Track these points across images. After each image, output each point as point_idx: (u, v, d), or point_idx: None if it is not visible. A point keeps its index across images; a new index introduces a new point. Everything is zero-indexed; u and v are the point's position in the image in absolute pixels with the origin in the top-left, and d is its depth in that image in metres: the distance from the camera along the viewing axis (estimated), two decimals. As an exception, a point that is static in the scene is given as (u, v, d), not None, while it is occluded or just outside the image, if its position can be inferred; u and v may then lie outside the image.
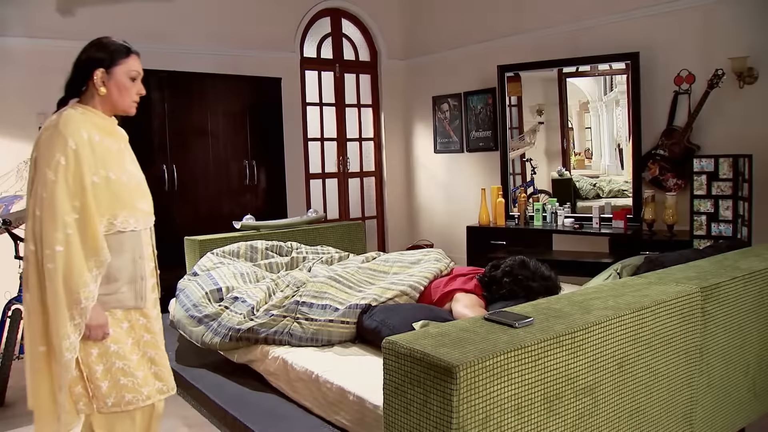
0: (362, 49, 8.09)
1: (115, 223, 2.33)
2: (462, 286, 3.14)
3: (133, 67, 2.44)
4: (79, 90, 2.41)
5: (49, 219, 2.18)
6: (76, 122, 2.28)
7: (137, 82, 2.46)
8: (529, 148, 6.57)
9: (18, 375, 4.29)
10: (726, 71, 4.90)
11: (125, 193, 2.37)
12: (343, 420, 2.40)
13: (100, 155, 2.30)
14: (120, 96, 2.42)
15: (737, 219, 4.57)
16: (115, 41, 2.43)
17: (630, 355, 1.94)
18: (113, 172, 2.33)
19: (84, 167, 2.24)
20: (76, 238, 2.20)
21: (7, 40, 5.68)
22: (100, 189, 2.28)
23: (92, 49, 2.39)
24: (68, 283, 2.19)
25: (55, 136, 2.25)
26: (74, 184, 2.22)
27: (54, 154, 2.22)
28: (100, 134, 2.34)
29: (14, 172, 5.57)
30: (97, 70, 2.36)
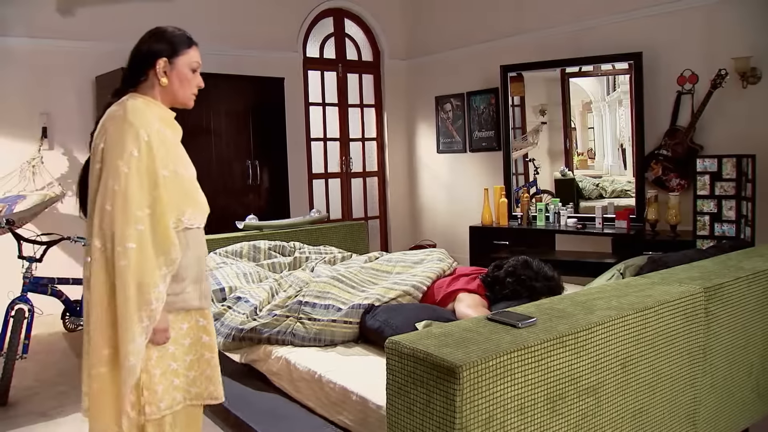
0: (365, 49, 8.10)
1: (183, 219, 2.22)
2: (465, 286, 3.14)
3: (195, 58, 2.35)
4: (138, 80, 2.29)
5: (121, 213, 2.07)
6: (146, 113, 2.18)
7: (197, 74, 2.37)
8: (531, 148, 6.56)
9: (21, 375, 4.30)
10: (729, 71, 4.90)
11: (191, 189, 2.27)
12: (346, 420, 2.40)
13: (167, 149, 2.20)
14: (181, 87, 2.32)
15: (740, 219, 4.56)
16: (176, 31, 2.35)
17: (633, 355, 1.93)
18: (181, 167, 2.23)
19: (157, 160, 2.13)
20: (147, 235, 2.10)
21: (10, 40, 5.69)
22: (170, 183, 2.17)
23: (152, 39, 2.30)
24: (140, 283, 2.08)
25: (126, 127, 2.13)
26: (147, 178, 2.11)
27: (126, 146, 2.10)
28: (164, 126, 2.24)
29: (17, 172, 5.58)
30: (160, 60, 2.26)
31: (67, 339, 5.20)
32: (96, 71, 6.00)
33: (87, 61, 6.02)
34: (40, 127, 5.84)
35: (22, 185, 5.53)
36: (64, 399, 4.00)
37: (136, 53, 2.31)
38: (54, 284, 4.50)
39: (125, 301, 2.07)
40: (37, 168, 5.65)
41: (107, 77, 5.84)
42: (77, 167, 6.03)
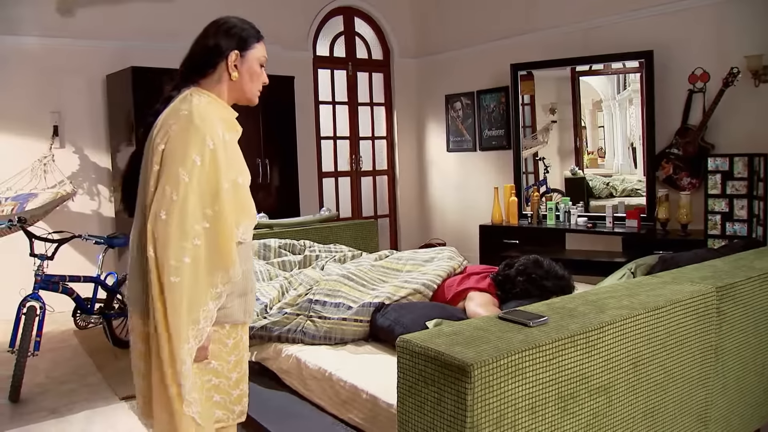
0: (375, 48, 8.10)
1: (238, 232, 2.07)
2: (476, 285, 3.14)
3: (263, 52, 2.24)
4: (204, 73, 2.15)
5: (177, 226, 1.91)
6: (212, 118, 2.04)
7: (263, 70, 2.25)
8: (542, 146, 6.55)
9: (32, 372, 4.32)
10: (741, 69, 4.87)
11: (247, 200, 2.12)
12: (356, 418, 2.40)
13: (232, 156, 2.07)
14: (251, 83, 2.21)
15: (752, 218, 4.54)
16: (245, 23, 2.25)
17: (644, 354, 1.93)
18: (240, 176, 2.09)
19: (221, 170, 1.99)
20: (203, 251, 1.95)
21: (21, 40, 5.73)
22: (230, 196, 2.02)
23: (221, 32, 2.19)
24: (190, 301, 1.95)
25: (192, 131, 1.98)
26: (208, 190, 1.97)
27: (189, 152, 1.95)
28: (226, 130, 2.11)
29: (29, 170, 5.61)
30: (232, 53, 2.14)
31: (78, 336, 5.23)
32: (106, 70, 6.03)
33: (97, 60, 6.05)
34: (52, 126, 5.87)
35: (33, 183, 5.56)
36: (74, 396, 4.02)
37: (202, 45, 2.18)
38: (65, 282, 4.52)
39: (176, 320, 1.93)
40: (48, 166, 5.68)
41: (117, 76, 5.86)
42: (88, 165, 6.08)
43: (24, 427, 3.58)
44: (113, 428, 3.59)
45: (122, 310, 4.97)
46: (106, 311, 4.85)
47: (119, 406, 3.88)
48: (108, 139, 6.18)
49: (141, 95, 5.58)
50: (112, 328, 4.88)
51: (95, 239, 4.82)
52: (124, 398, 3.96)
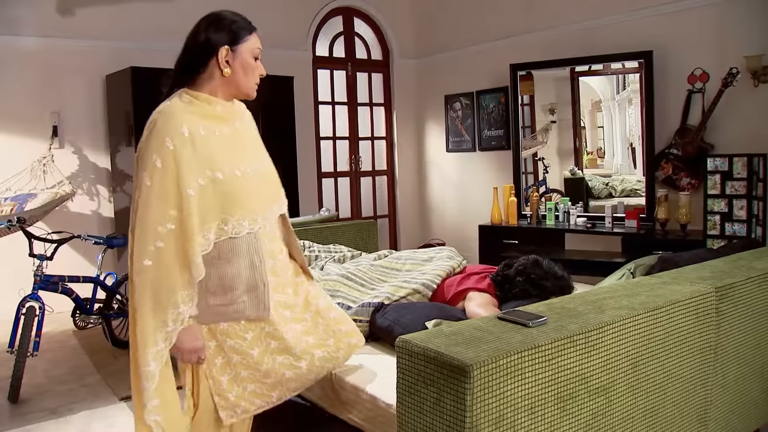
0: (374, 48, 8.10)
1: (226, 228, 2.08)
2: (475, 285, 3.14)
3: (256, 44, 2.20)
4: (195, 73, 2.14)
5: (140, 228, 1.97)
6: (177, 117, 2.03)
7: (259, 62, 2.21)
8: (541, 147, 6.55)
9: (31, 372, 4.32)
10: (741, 69, 4.87)
11: (238, 193, 2.10)
12: (356, 419, 2.40)
13: (206, 153, 2.04)
14: (245, 77, 2.17)
15: (751, 219, 4.54)
16: (235, 15, 2.19)
17: (644, 355, 1.93)
18: (222, 171, 2.07)
19: (183, 170, 1.99)
20: (169, 252, 1.97)
21: (21, 40, 5.72)
22: (207, 192, 2.03)
23: (211, 28, 2.13)
24: (155, 302, 1.97)
25: (153, 134, 2.01)
26: (171, 190, 1.98)
27: (151, 156, 1.99)
28: (208, 125, 2.09)
29: (28, 170, 5.61)
30: (222, 48, 2.10)
31: (78, 337, 5.22)
32: (106, 70, 6.03)
33: (97, 60, 6.05)
34: (51, 126, 5.87)
35: (33, 184, 5.56)
36: (74, 396, 4.02)
37: (192, 43, 2.15)
38: (64, 282, 4.52)
39: (142, 320, 1.98)
40: (47, 166, 5.68)
41: (117, 76, 5.86)
42: (88, 165, 6.08)
43: (23, 428, 3.58)
44: (112, 428, 3.59)
45: (121, 310, 4.97)
46: (105, 311, 4.85)
47: (118, 406, 3.88)
48: (107, 139, 6.18)
49: (140, 95, 5.58)
50: (112, 329, 4.87)
51: (94, 239, 4.82)
52: (123, 398, 3.96)
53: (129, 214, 2.11)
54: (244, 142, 2.22)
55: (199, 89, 2.14)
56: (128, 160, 5.73)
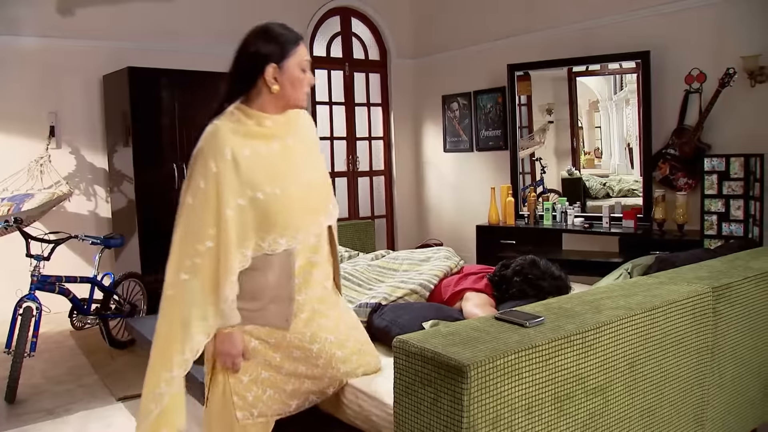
0: (372, 48, 8.10)
1: (263, 245, 2.13)
2: (472, 285, 3.14)
3: (304, 56, 2.20)
4: (245, 90, 2.20)
5: (180, 243, 2.07)
6: (222, 139, 2.10)
7: (308, 72, 2.22)
8: (538, 147, 6.55)
9: (28, 373, 4.31)
10: (737, 70, 4.87)
11: (278, 212, 2.14)
12: (352, 419, 2.40)
13: (248, 174, 2.09)
14: (294, 90, 2.19)
15: (748, 219, 4.54)
16: (281, 29, 2.20)
17: (641, 355, 1.93)
18: (263, 191, 2.11)
19: (224, 192, 2.05)
20: (205, 269, 2.05)
21: (18, 40, 5.72)
22: (246, 213, 2.09)
23: (259, 42, 2.15)
24: (186, 316, 2.04)
25: (199, 156, 2.09)
26: (211, 210, 2.05)
27: (195, 176, 2.07)
28: (255, 145, 2.14)
29: (25, 170, 5.60)
30: (269, 67, 2.13)
31: (75, 337, 5.22)
32: (103, 70, 6.02)
33: (94, 60, 6.04)
34: (48, 126, 5.86)
35: (30, 184, 5.55)
36: (71, 397, 4.02)
37: (242, 57, 2.19)
38: (61, 282, 4.52)
39: (169, 331, 2.06)
40: (44, 167, 5.67)
41: (114, 76, 5.86)
42: (85, 166, 6.08)
43: (20, 428, 3.58)
44: (110, 429, 3.58)
45: (119, 310, 4.97)
46: (102, 312, 4.84)
47: (116, 406, 3.88)
48: (105, 139, 6.17)
49: (137, 95, 5.58)
50: (109, 329, 4.87)
51: (92, 240, 4.81)
52: (120, 399, 3.96)
53: (125, 215, 2.16)
54: (294, 157, 2.24)
55: (250, 104, 2.19)
56: (125, 160, 5.72)
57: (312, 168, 2.32)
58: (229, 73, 2.23)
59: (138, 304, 5.15)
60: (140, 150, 5.60)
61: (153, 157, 5.68)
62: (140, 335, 3.75)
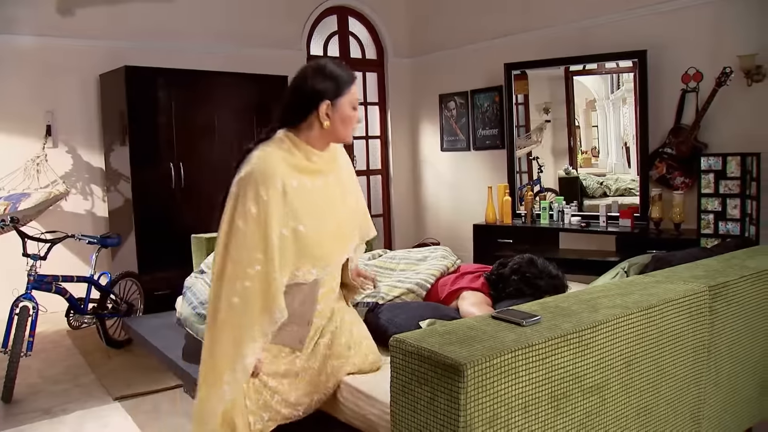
0: (369, 47, 8.09)
1: (298, 274, 2.24)
2: (469, 285, 3.14)
3: (356, 95, 2.32)
4: (297, 121, 2.29)
5: (231, 267, 2.12)
6: (273, 168, 2.18)
7: (356, 110, 2.34)
8: (535, 146, 6.56)
9: (25, 372, 4.31)
10: (734, 69, 4.88)
11: (314, 245, 2.25)
12: (349, 418, 2.40)
13: (294, 206, 2.19)
14: (343, 127, 2.30)
15: (745, 218, 4.55)
16: (338, 68, 2.29)
17: (637, 353, 1.93)
18: (304, 224, 2.21)
19: (272, 220, 2.13)
20: (255, 293, 2.11)
21: (15, 38, 5.71)
22: (287, 242, 2.18)
23: (318, 78, 2.25)
24: (237, 338, 2.11)
25: (251, 181, 2.15)
26: (260, 236, 2.12)
27: (246, 201, 2.13)
28: (302, 179, 2.24)
29: (22, 169, 5.59)
30: (323, 104, 2.23)
31: (71, 337, 5.21)
32: (100, 69, 6.01)
33: (91, 60, 6.03)
34: (45, 125, 5.85)
35: (26, 183, 5.54)
36: (67, 396, 4.02)
37: (299, 91, 2.28)
38: (58, 282, 4.51)
39: (222, 354, 2.11)
40: (41, 166, 5.66)
41: (111, 75, 5.85)
42: (82, 165, 6.07)
43: (17, 428, 3.57)
44: (106, 428, 3.58)
45: (115, 310, 4.96)
46: (99, 311, 4.84)
47: (113, 406, 3.88)
48: (101, 138, 6.16)
49: (134, 95, 5.57)
50: (106, 328, 4.87)
51: (88, 239, 4.81)
52: (117, 398, 3.96)
53: (122, 214, 2.16)
54: (333, 193, 2.36)
55: (299, 134, 2.28)
56: (122, 160, 5.71)
57: (349, 200, 2.46)
58: (283, 102, 2.33)
59: (135, 304, 5.15)
60: (137, 149, 5.59)
61: (150, 156, 5.68)
62: (137, 335, 3.75)
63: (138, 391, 4.05)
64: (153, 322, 3.89)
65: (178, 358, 3.24)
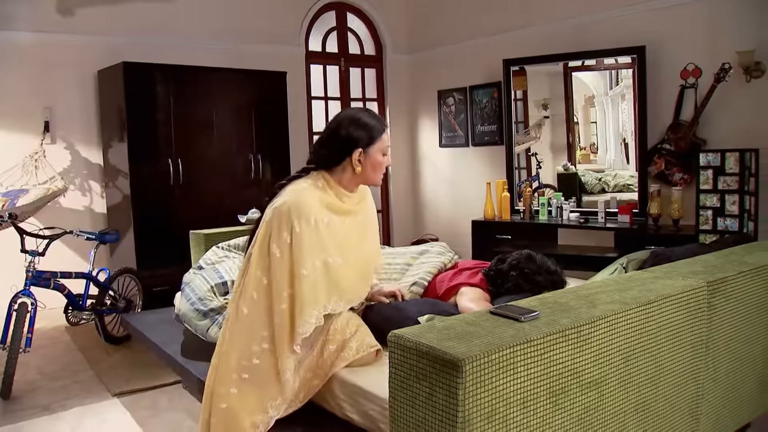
0: (367, 43, 8.09)
1: (328, 306, 2.38)
2: (467, 280, 3.14)
3: (386, 143, 2.52)
4: (331, 164, 2.49)
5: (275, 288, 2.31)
6: (308, 206, 2.35)
7: (387, 156, 2.54)
8: (534, 142, 6.55)
9: (23, 368, 4.31)
10: (733, 65, 4.88)
11: (342, 279, 2.42)
12: (348, 413, 2.40)
13: (324, 241, 2.37)
14: (373, 173, 2.52)
15: (743, 214, 4.55)
16: (372, 118, 2.50)
17: (636, 349, 1.93)
18: (333, 257, 2.38)
19: (304, 252, 2.31)
20: (283, 329, 2.30)
21: (13, 35, 5.70)
22: (318, 274, 2.34)
23: (351, 127, 2.45)
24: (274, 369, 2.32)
25: (286, 215, 2.32)
26: (293, 264, 2.31)
27: (282, 232, 2.31)
28: (330, 216, 2.42)
29: (20, 165, 5.58)
30: (356, 151, 2.44)
31: (70, 333, 5.21)
32: (98, 65, 6.00)
33: (89, 56, 6.02)
34: (43, 121, 5.84)
35: (24, 179, 5.54)
36: (66, 393, 4.02)
37: (335, 137, 2.47)
38: (57, 278, 4.51)
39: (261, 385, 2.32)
40: (39, 162, 5.66)
41: (109, 71, 5.84)
42: (80, 161, 6.06)
43: (15, 424, 3.58)
44: (105, 424, 3.58)
45: (114, 306, 4.96)
46: (97, 307, 4.84)
47: (111, 402, 3.88)
48: (100, 134, 6.16)
49: (132, 91, 5.57)
50: (104, 324, 4.87)
51: (87, 235, 4.81)
52: (116, 395, 3.96)
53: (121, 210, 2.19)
54: (358, 232, 2.57)
55: (333, 176, 2.50)
56: (120, 156, 5.71)
57: (367, 243, 2.65)
58: (320, 144, 2.54)
59: (133, 300, 5.15)
60: (135, 145, 5.59)
61: (148, 152, 5.67)
62: (136, 331, 3.75)
63: (137, 387, 4.05)
64: (151, 318, 3.89)
65: (176, 354, 3.24)
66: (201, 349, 3.33)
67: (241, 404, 2.30)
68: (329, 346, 2.48)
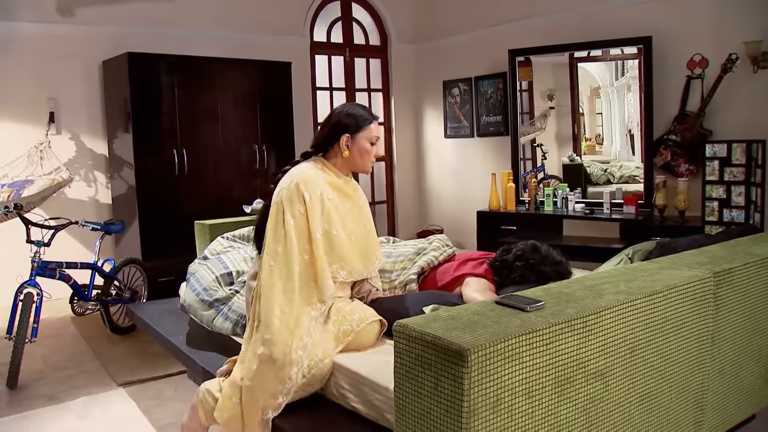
0: (372, 34, 8.07)
1: (330, 269, 2.61)
2: (472, 271, 3.13)
3: (374, 132, 2.77)
4: (327, 149, 2.77)
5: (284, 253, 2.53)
6: (314, 181, 2.63)
7: (376, 146, 2.79)
8: (539, 133, 6.54)
9: (29, 358, 4.32)
10: (740, 55, 4.86)
11: (342, 248, 2.65)
12: (353, 403, 2.41)
13: (328, 213, 2.63)
14: (360, 158, 2.76)
15: (750, 205, 4.54)
16: (362, 109, 2.79)
17: (641, 339, 1.93)
18: (336, 228, 2.63)
19: (314, 219, 2.57)
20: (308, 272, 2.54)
21: (18, 25, 5.70)
22: (324, 241, 2.60)
23: (343, 115, 2.74)
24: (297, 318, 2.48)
25: (295, 189, 2.59)
26: (306, 231, 2.56)
27: (294, 204, 2.57)
28: (334, 195, 2.69)
29: (25, 156, 5.59)
30: (343, 136, 2.70)
31: (75, 323, 5.23)
32: (103, 56, 6.00)
33: (94, 46, 6.02)
34: (48, 112, 5.85)
35: (30, 170, 5.54)
36: (72, 382, 4.03)
37: (327, 124, 2.78)
38: (62, 268, 4.52)
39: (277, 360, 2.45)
40: (44, 152, 5.66)
41: (114, 62, 5.84)
42: (84, 151, 6.07)
43: (22, 414, 3.59)
44: (111, 414, 3.60)
45: (119, 296, 4.97)
46: (103, 297, 4.85)
47: (117, 392, 3.89)
48: (105, 125, 6.16)
49: (137, 81, 5.56)
50: (110, 315, 4.88)
51: (92, 225, 4.81)
52: (121, 384, 3.97)
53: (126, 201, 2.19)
54: (355, 215, 2.80)
55: (329, 160, 2.79)
56: (125, 146, 5.71)
57: (367, 223, 2.87)
58: (318, 133, 2.85)
59: (138, 290, 5.16)
60: (140, 136, 5.59)
61: (153, 142, 5.68)
62: (141, 321, 3.76)
63: (142, 377, 4.06)
64: (156, 309, 3.90)
65: (181, 344, 3.25)
66: (206, 340, 3.34)
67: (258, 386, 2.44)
68: (333, 318, 2.60)
